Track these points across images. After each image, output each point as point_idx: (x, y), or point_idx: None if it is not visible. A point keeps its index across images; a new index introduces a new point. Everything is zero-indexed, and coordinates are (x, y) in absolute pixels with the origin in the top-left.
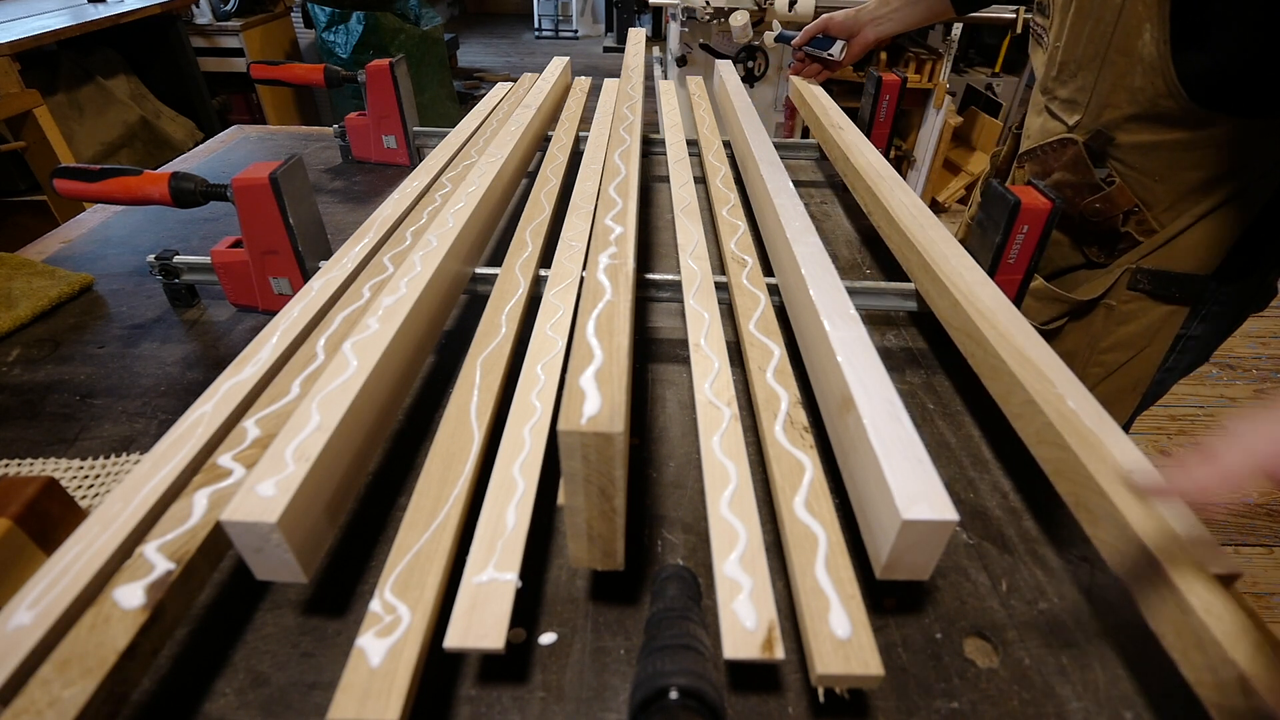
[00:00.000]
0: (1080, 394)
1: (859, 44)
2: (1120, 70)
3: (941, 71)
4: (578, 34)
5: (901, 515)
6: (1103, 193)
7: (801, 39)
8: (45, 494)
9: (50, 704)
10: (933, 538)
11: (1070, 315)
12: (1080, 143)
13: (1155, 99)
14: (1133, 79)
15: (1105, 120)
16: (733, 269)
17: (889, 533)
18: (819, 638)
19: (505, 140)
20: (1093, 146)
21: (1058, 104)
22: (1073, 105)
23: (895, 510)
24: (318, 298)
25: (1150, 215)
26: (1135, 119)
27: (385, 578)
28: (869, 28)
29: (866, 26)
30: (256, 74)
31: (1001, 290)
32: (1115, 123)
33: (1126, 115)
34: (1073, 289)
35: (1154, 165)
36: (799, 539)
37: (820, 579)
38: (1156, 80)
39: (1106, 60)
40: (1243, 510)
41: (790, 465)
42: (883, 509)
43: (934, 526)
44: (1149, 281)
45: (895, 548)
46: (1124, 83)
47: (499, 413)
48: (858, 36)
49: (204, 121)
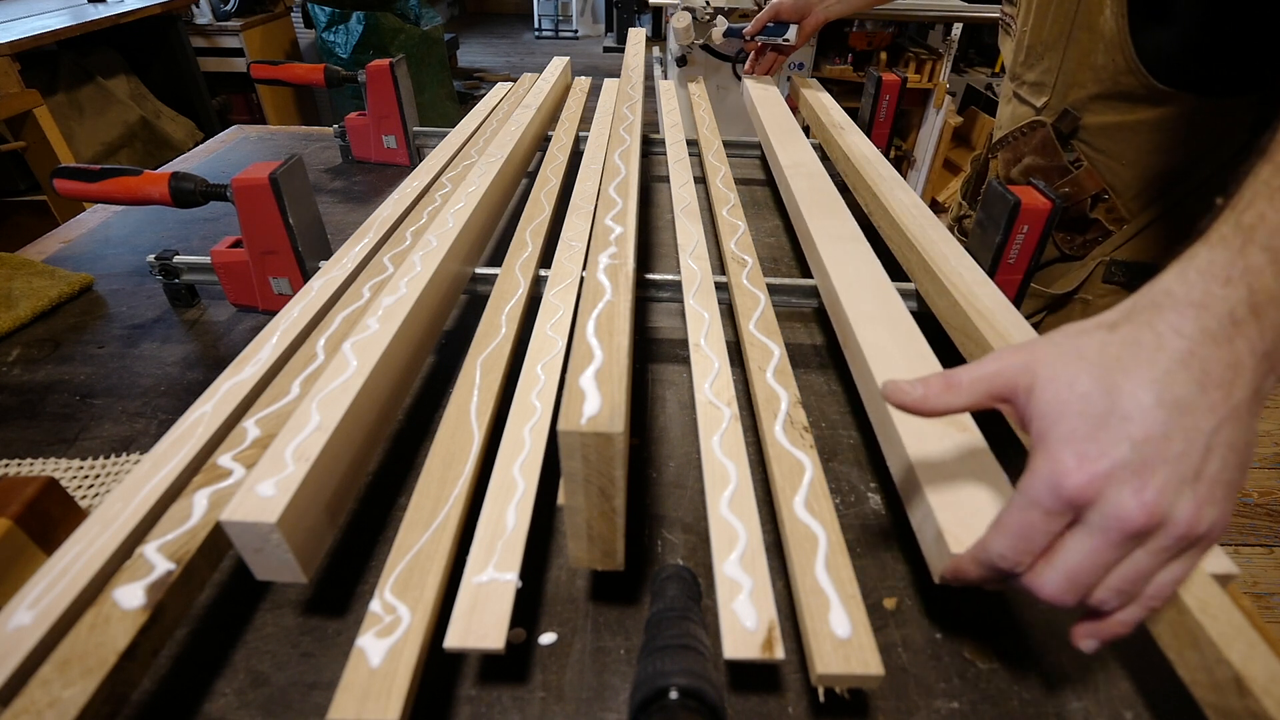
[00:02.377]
0: None
1: (809, 26)
2: (1084, 48)
3: (941, 71)
4: (578, 34)
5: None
6: (1070, 175)
7: (754, 28)
8: (45, 494)
9: (50, 704)
10: None
11: (1047, 309)
12: (1048, 125)
13: (1117, 76)
14: (1095, 56)
15: (1072, 100)
16: (733, 269)
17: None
18: (819, 637)
19: (505, 140)
20: (1060, 128)
21: (1026, 88)
22: (1040, 88)
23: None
24: (318, 298)
25: (1120, 202)
26: (1100, 98)
27: (385, 578)
28: (818, 9)
29: (816, 8)
30: (256, 74)
31: (1001, 290)
32: (1081, 102)
33: (1091, 94)
34: (1049, 284)
35: (1119, 148)
36: (799, 539)
37: (820, 579)
38: (1117, 56)
39: (1071, 38)
40: (1243, 510)
41: (790, 465)
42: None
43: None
44: (1124, 274)
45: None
46: (1088, 60)
47: (499, 413)
48: (808, 19)
49: (204, 121)
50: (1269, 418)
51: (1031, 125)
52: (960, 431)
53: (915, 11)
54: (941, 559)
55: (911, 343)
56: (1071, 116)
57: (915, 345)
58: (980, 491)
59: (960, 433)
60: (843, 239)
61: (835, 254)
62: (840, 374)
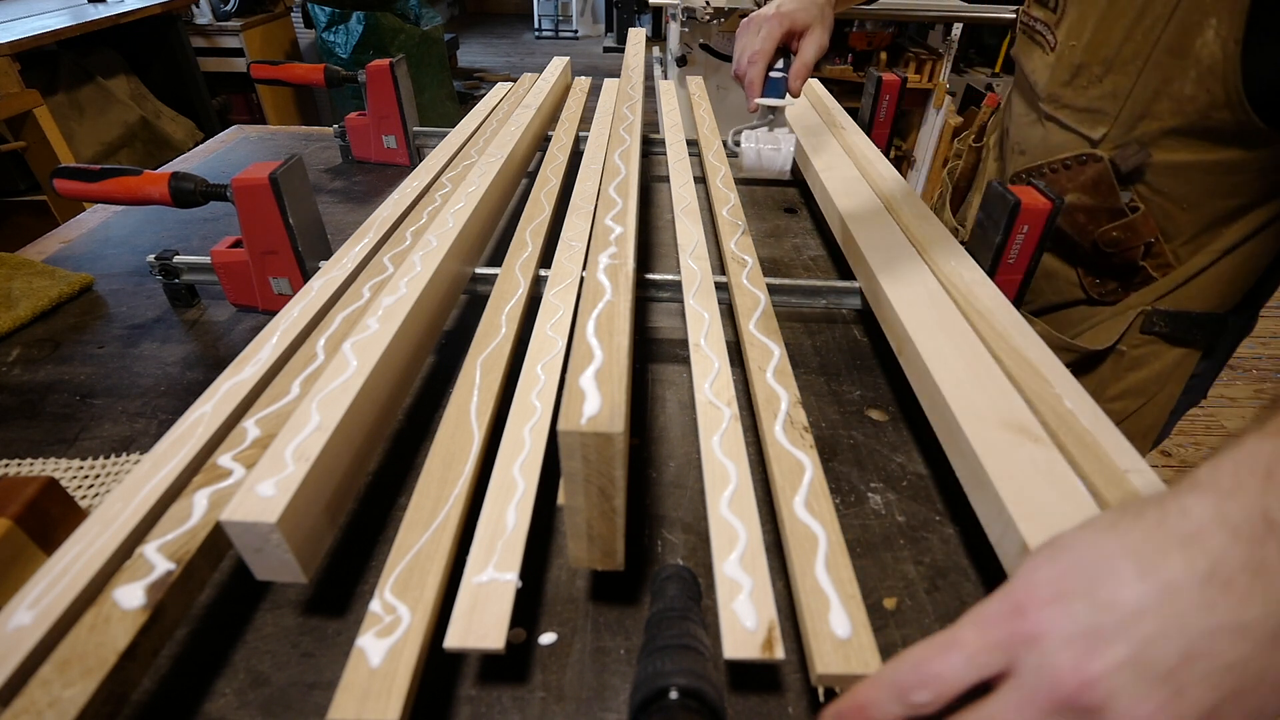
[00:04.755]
0: (1078, 394)
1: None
2: (1167, 74)
3: (941, 71)
4: (578, 34)
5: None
6: (1125, 219)
7: (763, 63)
8: (45, 494)
9: (50, 704)
10: None
11: (1074, 366)
12: (1106, 159)
13: (1209, 110)
14: (1182, 85)
15: (1141, 133)
16: (733, 269)
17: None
18: (819, 637)
19: (505, 140)
20: (1120, 164)
21: (1072, 113)
22: (1096, 116)
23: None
24: (318, 298)
25: (1168, 248)
26: (1177, 133)
27: (385, 578)
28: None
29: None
30: (256, 74)
31: (1001, 290)
32: (1152, 136)
33: (1168, 128)
34: (1068, 327)
35: (1185, 190)
36: (799, 539)
37: (820, 579)
38: (1215, 87)
39: (1151, 61)
40: None
41: (790, 465)
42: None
43: None
44: (1166, 324)
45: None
46: (1170, 89)
47: (499, 413)
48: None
49: (204, 121)
50: None
51: (1081, 158)
52: (1033, 442)
53: (915, 11)
54: None
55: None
56: (1140, 153)
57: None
58: (1061, 504)
59: (1033, 443)
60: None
61: (881, 260)
62: (837, 374)
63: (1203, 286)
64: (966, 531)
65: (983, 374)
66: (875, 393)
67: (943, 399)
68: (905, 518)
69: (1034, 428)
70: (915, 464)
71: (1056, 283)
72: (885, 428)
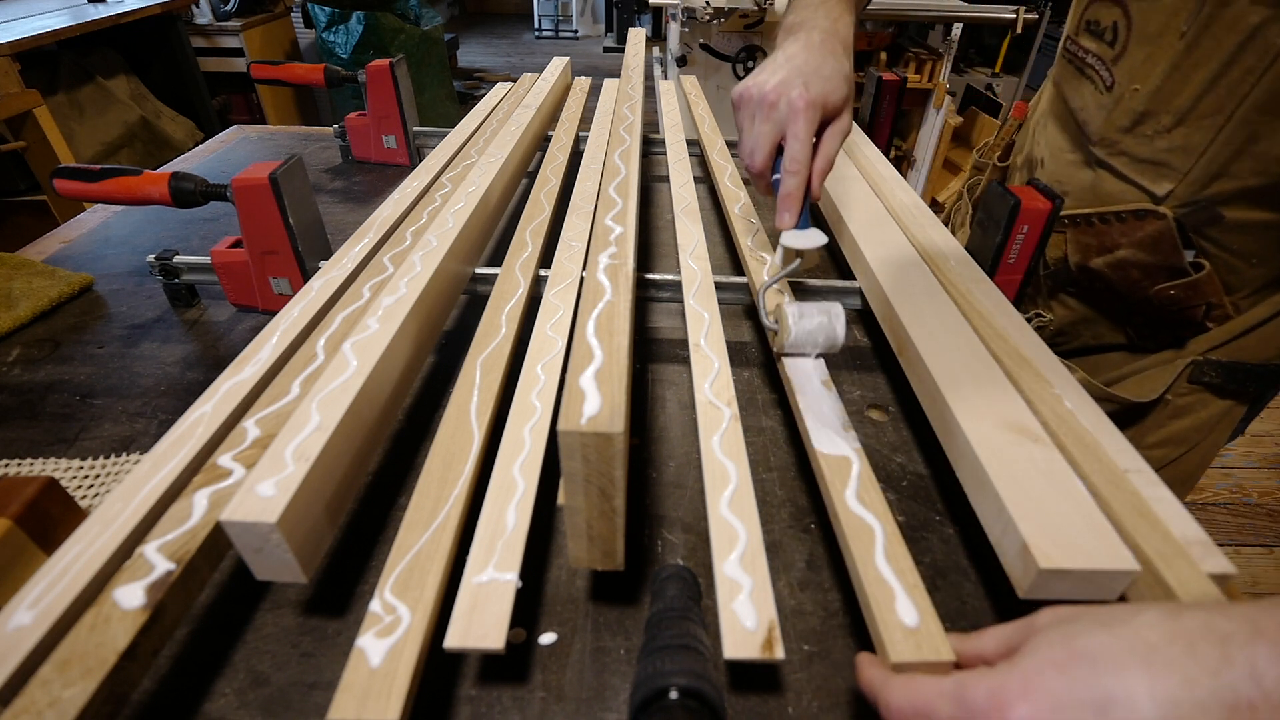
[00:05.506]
0: (1078, 394)
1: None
2: (1255, 132)
3: (941, 71)
4: (578, 34)
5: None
6: (1187, 279)
7: (802, 176)
8: (45, 494)
9: (50, 704)
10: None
11: (1115, 418)
12: (1171, 218)
13: None
14: (1272, 145)
15: (1214, 192)
16: (753, 267)
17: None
18: (889, 627)
19: (505, 140)
20: (1186, 223)
21: (1130, 163)
22: (1161, 169)
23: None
24: (318, 298)
25: (1229, 300)
26: (1255, 193)
27: (385, 578)
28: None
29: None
30: (256, 74)
31: (1001, 290)
32: (1226, 196)
33: (1246, 188)
34: (1105, 370)
35: (1255, 247)
36: (855, 531)
37: (882, 569)
38: None
39: (1236, 118)
40: (1243, 510)
41: (837, 459)
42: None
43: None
44: (1218, 375)
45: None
46: (1256, 148)
47: (499, 413)
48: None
49: (204, 121)
50: (1269, 418)
51: (1140, 213)
52: (1033, 442)
53: (915, 11)
54: (1026, 573)
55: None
56: (1211, 213)
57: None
58: (1061, 504)
59: (1033, 443)
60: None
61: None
62: (844, 375)
63: (1263, 338)
64: (966, 531)
65: (983, 374)
66: (875, 393)
67: (943, 399)
68: (905, 518)
69: (1034, 428)
70: (915, 464)
71: (1096, 327)
72: (885, 428)
